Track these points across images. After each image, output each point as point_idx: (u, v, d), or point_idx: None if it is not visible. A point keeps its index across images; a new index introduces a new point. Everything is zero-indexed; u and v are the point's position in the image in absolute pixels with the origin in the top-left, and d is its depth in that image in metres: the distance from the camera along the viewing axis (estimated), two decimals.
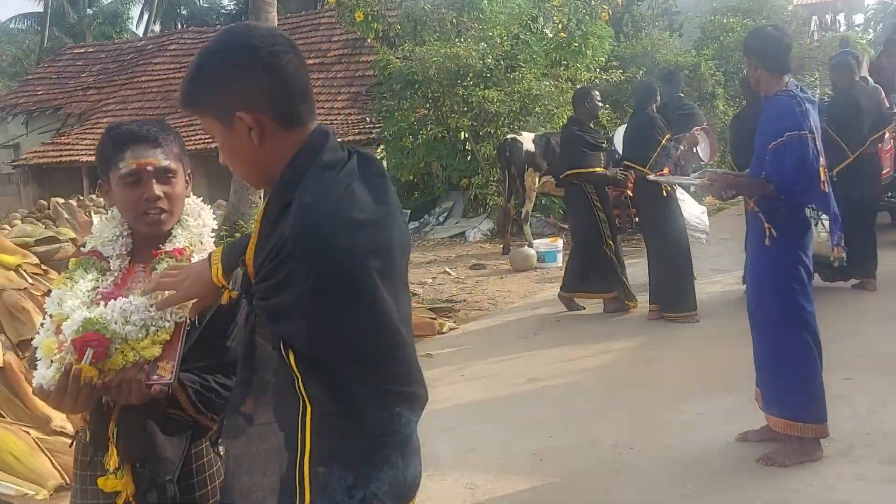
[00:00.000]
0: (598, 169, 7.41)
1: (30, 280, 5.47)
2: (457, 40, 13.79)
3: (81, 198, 16.21)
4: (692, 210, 8.99)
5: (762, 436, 4.18)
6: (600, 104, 7.84)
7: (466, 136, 14.17)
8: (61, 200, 14.76)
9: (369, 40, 16.49)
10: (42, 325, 1.91)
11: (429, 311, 7.82)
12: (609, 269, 7.43)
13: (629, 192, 7.86)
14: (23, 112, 22.21)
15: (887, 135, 9.15)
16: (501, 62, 13.67)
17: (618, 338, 6.64)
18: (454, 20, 14.77)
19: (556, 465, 4.22)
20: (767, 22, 23.46)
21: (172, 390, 1.88)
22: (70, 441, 2.08)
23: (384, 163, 15.82)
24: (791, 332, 3.92)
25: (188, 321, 1.90)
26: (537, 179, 11.58)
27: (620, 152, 7.71)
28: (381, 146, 15.57)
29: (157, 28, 34.58)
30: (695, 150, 8.29)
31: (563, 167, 7.76)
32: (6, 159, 21.12)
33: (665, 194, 6.97)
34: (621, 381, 5.53)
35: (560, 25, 13.98)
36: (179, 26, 33.39)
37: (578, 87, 11.64)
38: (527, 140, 11.59)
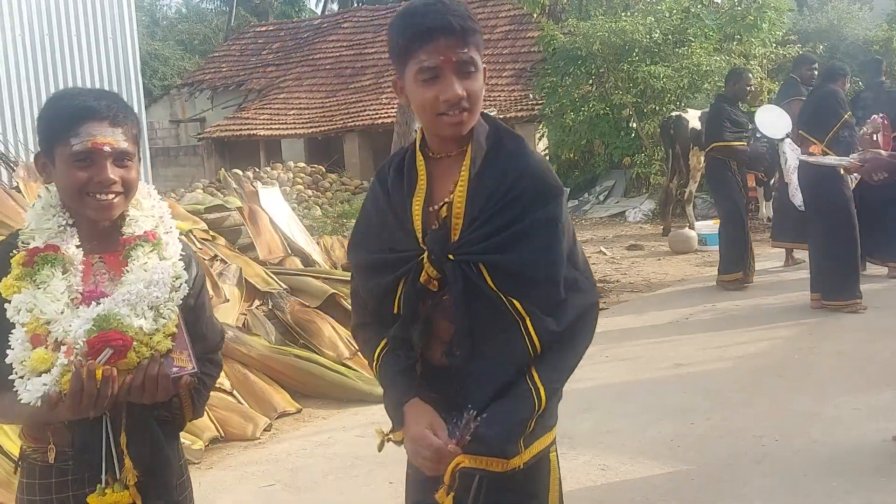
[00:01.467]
0: (739, 144, 7.48)
1: (199, 245, 5.86)
2: (623, 14, 13.46)
3: (258, 170, 17.14)
4: None
5: None
6: (750, 88, 7.93)
7: (630, 113, 13.85)
8: (239, 172, 15.68)
9: (535, 16, 16.38)
10: (11, 339, 1.68)
11: None
12: (745, 247, 7.57)
13: (763, 176, 8.29)
14: (209, 87, 23.64)
15: None
16: (670, 37, 13.25)
17: (776, 326, 6.35)
18: None
19: (694, 453, 4.11)
20: None
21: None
22: (14, 466, 1.86)
23: (545, 140, 15.74)
24: None
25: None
26: (702, 158, 11.17)
27: (763, 131, 7.45)
28: (543, 123, 15.49)
29: (334, 7, 35.80)
30: (875, 138, 7.80)
31: (707, 142, 7.81)
32: (193, 132, 22.59)
33: (841, 174, 6.59)
34: (773, 370, 5.28)
35: None
36: (356, 5, 34.40)
37: (734, 66, 11.15)
38: (692, 118, 11.21)
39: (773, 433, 4.24)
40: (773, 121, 7.82)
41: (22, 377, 1.65)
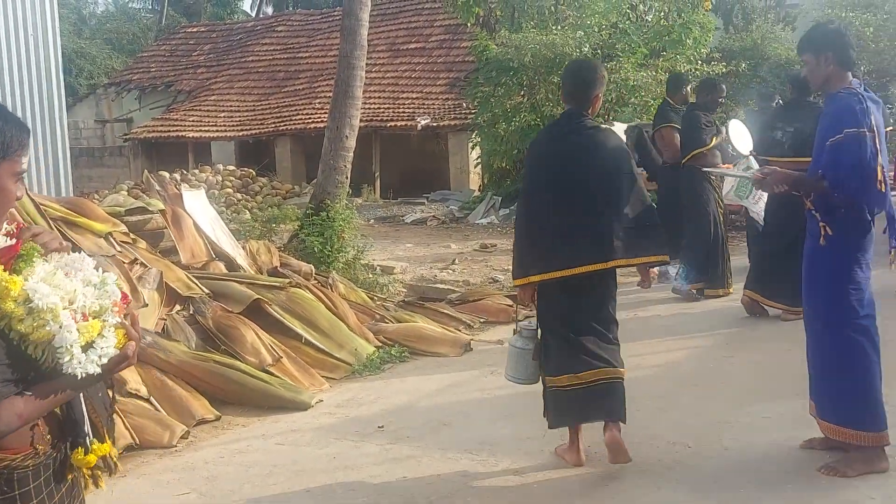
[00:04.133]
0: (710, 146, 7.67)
1: (118, 248, 5.74)
2: (554, 28, 13.66)
3: (185, 172, 16.86)
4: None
5: (828, 444, 4.02)
6: (722, 100, 8.10)
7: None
8: (165, 174, 15.38)
9: (469, 26, 16.51)
10: (57, 323, 1.66)
11: (506, 299, 7.82)
12: (723, 261, 7.75)
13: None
14: (137, 87, 23.19)
15: None
16: (599, 51, 13.49)
17: (694, 335, 6.51)
18: (552, 7, 14.64)
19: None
20: (889, 17, 22.38)
21: None
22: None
23: (478, 148, 15.86)
24: (845, 336, 3.77)
25: None
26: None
27: (734, 143, 7.67)
28: (476, 132, 15.60)
29: (269, 10, 35.47)
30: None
31: (686, 151, 7.82)
32: (120, 132, 22.10)
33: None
34: (690, 379, 5.41)
35: (661, 13, 13.68)
36: (290, 9, 34.14)
37: (707, 77, 11.39)
38: (619, 130, 11.39)
39: (686, 440, 4.34)
40: (743, 135, 8.09)
41: (70, 358, 1.65)
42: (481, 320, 7.26)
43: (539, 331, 4.15)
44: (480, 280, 9.17)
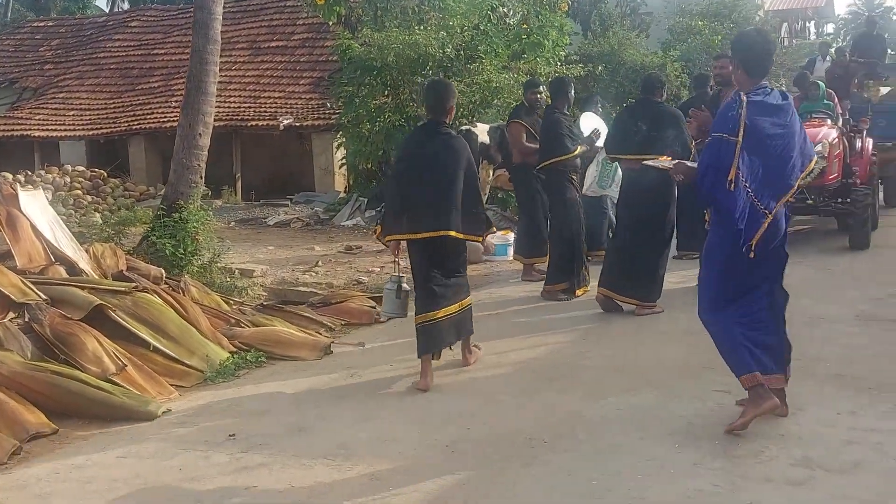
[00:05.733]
0: (578, 150, 7.81)
1: None
2: (417, 28, 13.63)
3: (30, 173, 15.88)
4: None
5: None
6: (572, 96, 8.13)
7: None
8: (7, 174, 14.44)
9: (331, 24, 16.28)
10: None
11: (370, 301, 7.70)
12: (580, 261, 7.76)
13: None
14: None
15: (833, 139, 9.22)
16: (462, 52, 13.54)
17: (554, 332, 6.58)
18: (416, 7, 14.62)
19: (468, 459, 4.13)
20: (736, 26, 23.66)
21: None
22: None
23: (342, 149, 15.64)
24: (709, 316, 4.40)
25: None
26: (491, 172, 11.46)
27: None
28: (340, 132, 15.39)
29: (125, 5, 33.95)
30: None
31: (548, 152, 7.79)
32: None
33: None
34: (548, 375, 5.46)
35: (521, 16, 13.89)
36: (145, 4, 32.80)
37: (558, 75, 11.62)
38: (481, 132, 11.47)
39: (542, 435, 4.36)
40: (595, 125, 8.36)
41: None
42: (343, 323, 7.11)
43: (403, 279, 5.81)
44: (344, 282, 9.01)
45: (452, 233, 5.29)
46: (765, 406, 4.21)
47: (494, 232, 6.52)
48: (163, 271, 6.96)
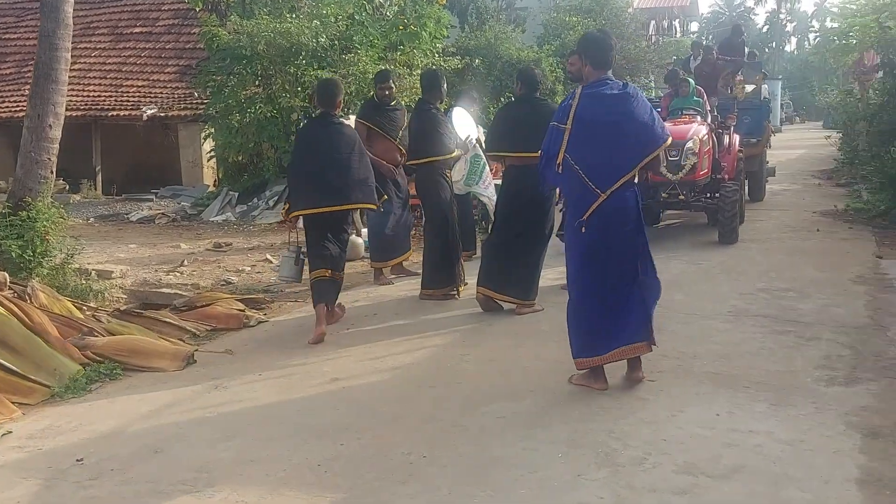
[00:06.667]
0: (456, 153, 7.85)
1: None
2: (289, 16, 13.16)
3: None
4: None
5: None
6: (444, 89, 7.88)
7: (298, 117, 13.58)
8: None
9: (198, 11, 15.57)
10: None
11: (238, 303, 7.27)
12: (457, 262, 7.52)
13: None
14: None
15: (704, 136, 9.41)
16: (337, 42, 13.17)
17: (433, 334, 6.35)
18: None
19: (341, 478, 3.85)
20: (607, 22, 24.18)
21: None
22: None
23: (211, 141, 14.98)
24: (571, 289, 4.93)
25: None
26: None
27: (459, 133, 7.90)
28: (208, 123, 14.73)
29: None
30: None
31: (424, 150, 7.49)
32: None
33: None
34: (426, 381, 5.21)
35: (397, 7, 13.62)
36: None
37: (428, 68, 11.38)
38: (353, 122, 11.17)
39: (421, 449, 4.12)
40: (466, 121, 8.26)
41: None
42: (209, 328, 6.66)
43: (301, 249, 6.67)
44: (211, 283, 8.53)
45: (350, 205, 6.37)
46: (595, 385, 4.81)
47: (385, 200, 7.33)
48: (6, 276, 6.33)
